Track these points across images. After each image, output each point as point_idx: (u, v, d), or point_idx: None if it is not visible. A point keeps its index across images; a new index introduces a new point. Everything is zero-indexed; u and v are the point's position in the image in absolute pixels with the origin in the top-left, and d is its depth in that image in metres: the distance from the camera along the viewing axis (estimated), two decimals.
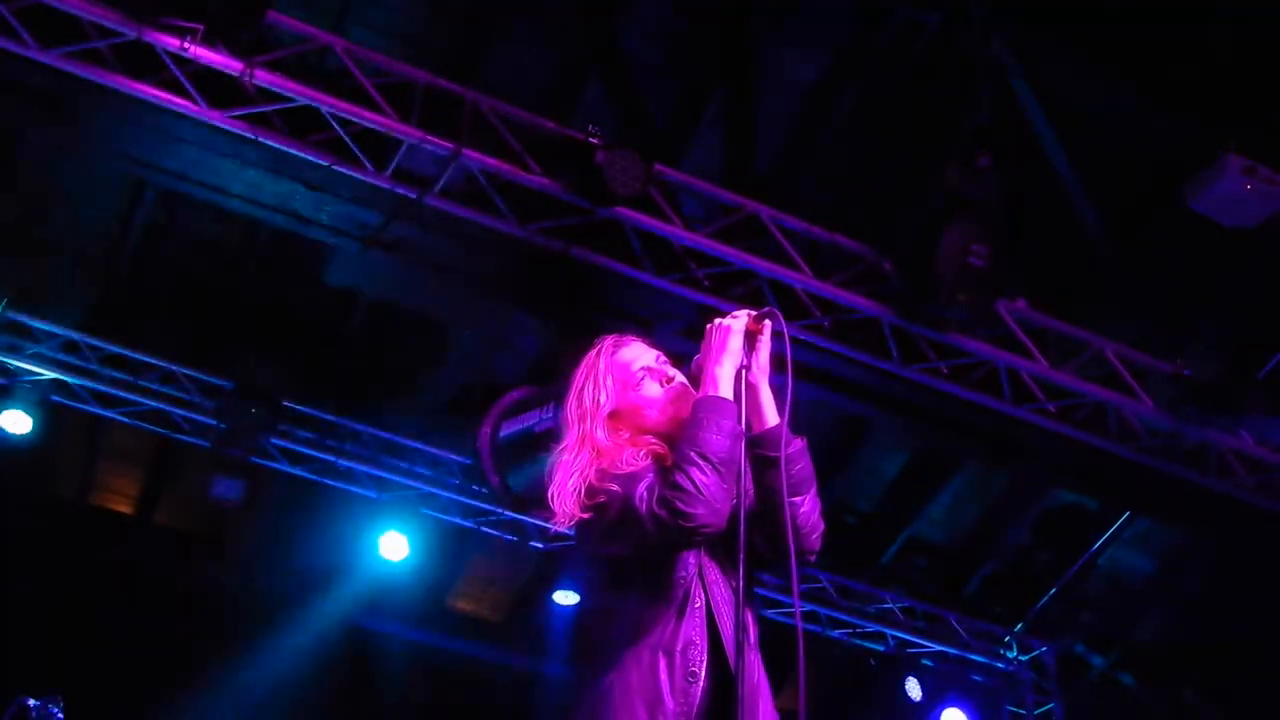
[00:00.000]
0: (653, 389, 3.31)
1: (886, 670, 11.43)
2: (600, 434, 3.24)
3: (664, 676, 2.92)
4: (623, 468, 3.11)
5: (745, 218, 7.62)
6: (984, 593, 11.42)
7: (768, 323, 3.20)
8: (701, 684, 2.93)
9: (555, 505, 3.16)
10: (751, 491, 3.12)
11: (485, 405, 8.02)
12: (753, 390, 3.17)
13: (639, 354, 3.39)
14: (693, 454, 2.95)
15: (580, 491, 3.11)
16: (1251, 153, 7.00)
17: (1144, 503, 9.27)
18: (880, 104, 8.24)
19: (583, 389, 3.35)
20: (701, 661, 2.95)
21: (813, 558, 3.22)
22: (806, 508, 3.14)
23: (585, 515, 3.11)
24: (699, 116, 8.30)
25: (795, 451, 3.15)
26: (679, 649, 2.96)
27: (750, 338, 3.18)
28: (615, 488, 3.05)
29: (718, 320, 3.22)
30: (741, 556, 2.94)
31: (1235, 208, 7.14)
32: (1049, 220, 8.48)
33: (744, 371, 3.15)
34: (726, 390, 3.09)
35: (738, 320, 3.19)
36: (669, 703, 2.89)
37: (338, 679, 10.82)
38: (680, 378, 3.32)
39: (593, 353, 3.41)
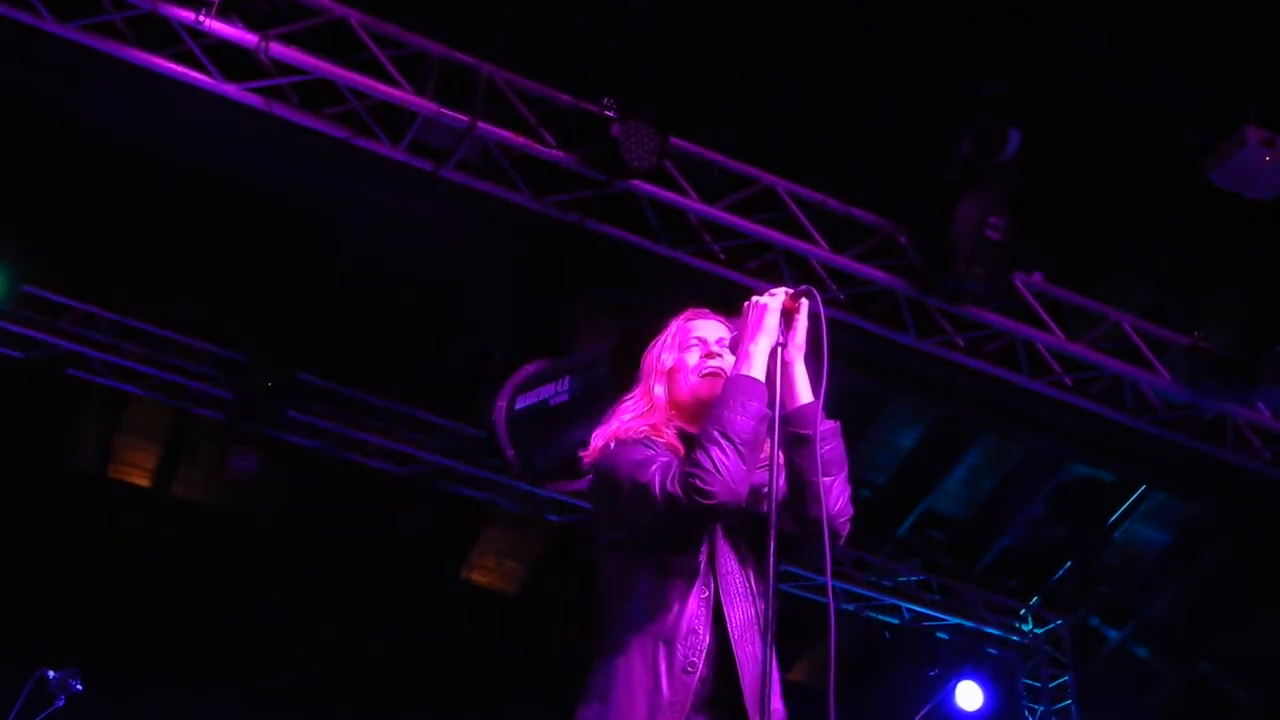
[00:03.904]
0: (693, 356, 3.36)
1: (901, 643, 11.46)
2: (659, 390, 3.34)
3: (663, 665, 2.95)
4: (633, 450, 3.15)
5: (761, 190, 7.60)
6: (999, 566, 11.42)
7: (804, 301, 3.21)
8: (699, 674, 2.96)
9: (594, 439, 3.26)
10: (782, 476, 3.13)
11: (500, 378, 8.01)
12: (787, 368, 3.19)
13: (704, 326, 3.44)
14: (715, 432, 2.98)
15: (605, 448, 3.20)
16: (1271, 124, 6.96)
17: (1160, 475, 9.25)
18: (896, 75, 8.20)
19: (655, 346, 3.44)
20: (701, 651, 2.98)
21: (840, 541, 3.23)
22: (836, 490, 3.15)
23: (592, 470, 3.21)
24: (715, 88, 8.26)
25: (827, 431, 3.17)
26: (680, 637, 2.99)
27: (787, 315, 3.21)
28: (620, 465, 3.11)
29: (755, 298, 3.24)
30: (771, 547, 2.94)
31: (1255, 179, 7.10)
32: (1066, 191, 8.43)
33: (779, 349, 3.17)
34: (759, 369, 3.11)
35: (775, 298, 3.21)
36: (666, 692, 2.93)
37: (350, 650, 10.87)
38: (725, 360, 3.33)
39: (677, 317, 3.50)
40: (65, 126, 8.21)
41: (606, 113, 6.91)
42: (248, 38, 6.55)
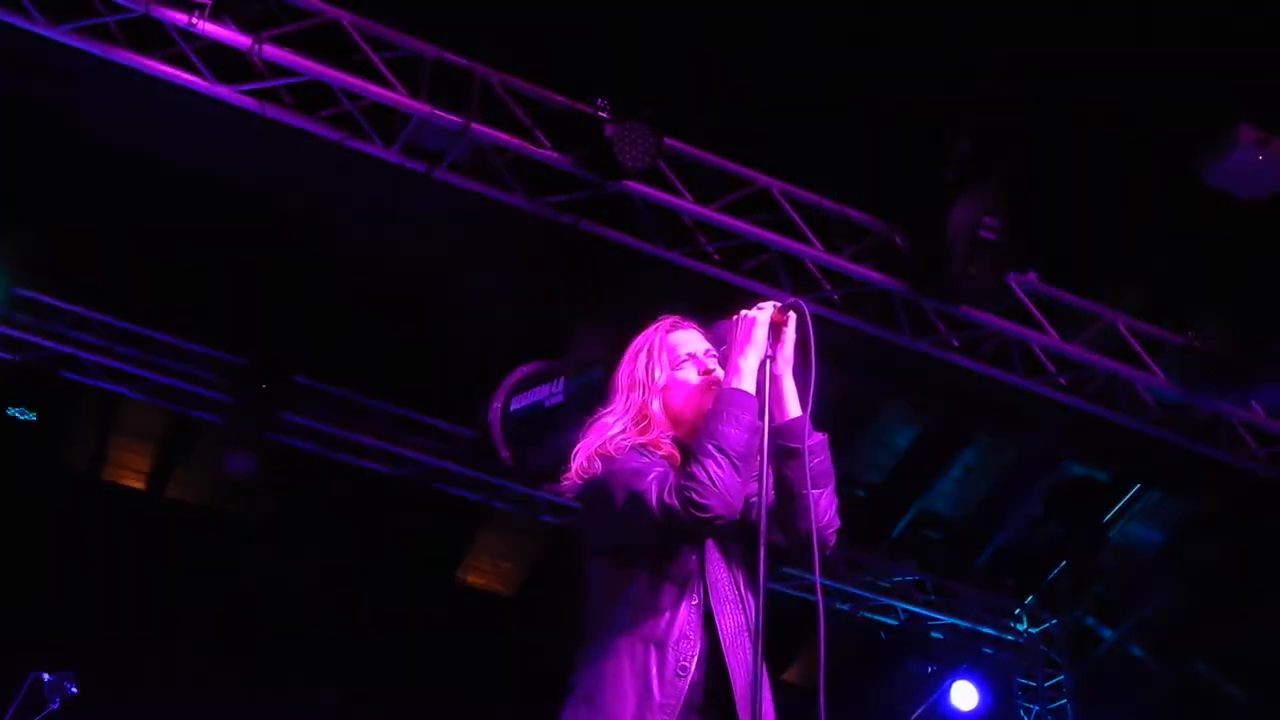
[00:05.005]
0: (690, 374, 3.37)
1: (897, 644, 11.46)
2: (655, 406, 3.32)
3: (654, 669, 2.98)
4: (628, 459, 3.17)
5: (755, 191, 7.59)
6: (994, 566, 11.42)
7: (792, 314, 3.23)
8: (691, 678, 2.99)
9: (573, 460, 3.25)
10: (771, 487, 3.15)
11: (496, 379, 8.01)
12: (776, 381, 3.22)
13: (690, 340, 3.45)
14: (710, 446, 3.00)
15: (595, 457, 3.20)
16: (1265, 123, 6.96)
17: (1155, 475, 9.26)
18: (892, 75, 8.19)
19: (636, 360, 3.42)
20: (693, 656, 3.01)
21: (827, 552, 3.25)
22: (824, 503, 3.19)
23: (580, 483, 3.21)
24: (710, 89, 8.26)
25: (816, 444, 3.19)
26: (672, 642, 3.02)
27: (775, 329, 3.23)
28: (615, 474, 3.12)
29: (743, 312, 3.26)
30: (761, 555, 2.95)
31: (1248, 179, 7.10)
32: (1059, 191, 8.42)
33: (768, 362, 3.19)
34: (749, 382, 3.13)
35: (763, 312, 3.23)
36: (657, 695, 2.96)
37: (347, 651, 10.86)
38: (720, 374, 3.34)
39: (652, 328, 3.48)
40: (58, 129, 8.20)
41: (600, 114, 6.90)
42: (241, 40, 6.54)
